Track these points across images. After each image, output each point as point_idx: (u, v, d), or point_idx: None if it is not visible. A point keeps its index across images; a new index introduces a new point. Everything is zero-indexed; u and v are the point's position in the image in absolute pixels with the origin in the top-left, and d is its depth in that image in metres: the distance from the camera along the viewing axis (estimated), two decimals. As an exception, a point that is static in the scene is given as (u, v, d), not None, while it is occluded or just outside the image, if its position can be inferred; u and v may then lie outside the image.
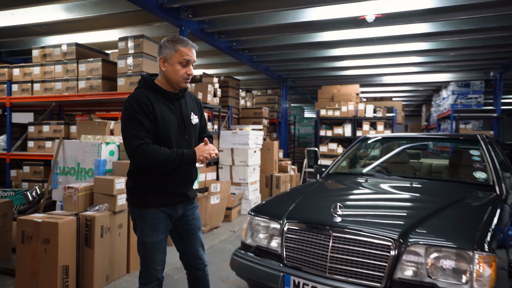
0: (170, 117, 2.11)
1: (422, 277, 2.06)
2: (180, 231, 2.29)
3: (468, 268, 1.98)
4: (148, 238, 2.12)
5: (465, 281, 1.97)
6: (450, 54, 7.85)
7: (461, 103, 9.89)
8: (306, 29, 6.42)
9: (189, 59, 2.07)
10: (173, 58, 2.06)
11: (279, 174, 7.62)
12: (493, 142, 4.29)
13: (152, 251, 2.13)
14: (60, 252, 2.97)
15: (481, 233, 2.13)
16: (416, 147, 5.53)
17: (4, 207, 3.92)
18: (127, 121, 2.03)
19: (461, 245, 2.04)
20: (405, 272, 2.10)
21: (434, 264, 2.06)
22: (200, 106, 2.39)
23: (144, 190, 2.13)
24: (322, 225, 2.39)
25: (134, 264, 3.65)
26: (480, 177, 3.37)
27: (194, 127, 2.25)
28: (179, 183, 2.18)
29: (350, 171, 4.09)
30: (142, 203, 2.13)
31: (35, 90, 5.74)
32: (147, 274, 2.15)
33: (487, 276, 1.95)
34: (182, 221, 2.26)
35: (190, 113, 2.24)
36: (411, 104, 17.74)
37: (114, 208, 3.38)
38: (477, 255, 1.98)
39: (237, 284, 3.35)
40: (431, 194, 3.00)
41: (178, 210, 2.21)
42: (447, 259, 2.05)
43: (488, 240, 2.07)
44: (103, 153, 3.73)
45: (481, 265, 1.96)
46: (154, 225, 2.12)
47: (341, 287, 2.16)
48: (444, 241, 2.10)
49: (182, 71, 2.08)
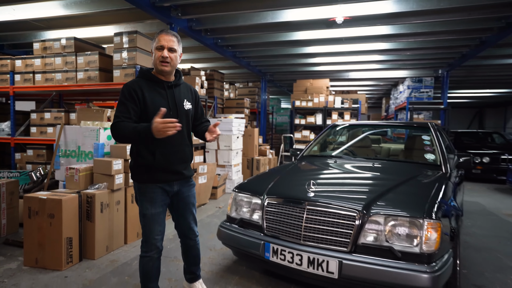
0: (160, 102, 2.11)
1: (381, 242, 2.14)
2: (176, 205, 2.30)
3: (418, 234, 2.08)
4: (147, 210, 2.13)
5: (416, 244, 2.07)
6: (406, 53, 8.01)
7: (414, 96, 10.12)
8: (284, 28, 6.39)
9: (163, 44, 2.08)
10: (154, 46, 2.12)
11: (259, 157, 7.64)
12: (440, 129, 4.43)
13: (150, 222, 2.14)
14: (64, 226, 2.93)
15: (430, 204, 2.22)
16: (377, 134, 5.65)
17: (11, 186, 3.80)
18: (118, 105, 2.10)
19: (413, 214, 2.13)
20: (367, 238, 2.18)
21: (391, 231, 2.14)
22: (195, 95, 2.37)
23: (143, 168, 2.13)
24: (297, 199, 2.43)
25: (131, 236, 3.63)
26: (429, 158, 3.48)
27: (186, 112, 2.23)
28: (174, 162, 2.17)
29: (321, 154, 4.13)
30: (141, 179, 2.15)
31: (36, 80, 5.53)
32: (147, 243, 2.17)
33: (434, 239, 2.05)
34: (178, 196, 2.27)
35: (183, 99, 2.24)
36: (373, 97, 18.01)
37: (112, 186, 3.34)
38: (426, 223, 2.07)
39: (223, 252, 3.38)
40: (390, 173, 3.07)
41: (174, 187, 2.21)
42: (402, 226, 2.13)
43: (435, 210, 2.16)
44: (101, 137, 3.65)
45: (429, 231, 2.06)
46: (152, 199, 2.13)
47: (313, 252, 2.21)
48: (400, 211, 2.18)
49: (158, 54, 2.10)
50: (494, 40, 6.31)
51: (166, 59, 2.09)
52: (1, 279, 2.76)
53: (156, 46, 2.09)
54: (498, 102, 19.53)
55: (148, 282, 2.20)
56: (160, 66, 2.11)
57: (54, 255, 2.93)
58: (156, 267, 2.22)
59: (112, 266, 3.03)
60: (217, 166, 6.46)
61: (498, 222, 4.73)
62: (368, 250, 2.15)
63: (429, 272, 1.96)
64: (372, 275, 2.05)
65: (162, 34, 2.10)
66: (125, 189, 3.55)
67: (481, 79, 11.74)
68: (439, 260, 2.07)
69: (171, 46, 2.10)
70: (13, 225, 3.86)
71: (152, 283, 2.22)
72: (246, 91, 11.12)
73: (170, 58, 2.10)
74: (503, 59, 8.46)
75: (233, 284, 2.74)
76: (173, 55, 2.12)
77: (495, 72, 10.27)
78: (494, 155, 8.19)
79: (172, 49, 2.11)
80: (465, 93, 15.71)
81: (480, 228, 4.41)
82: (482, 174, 8.20)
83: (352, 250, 2.17)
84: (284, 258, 2.30)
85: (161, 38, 2.09)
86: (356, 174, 3.14)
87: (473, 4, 4.96)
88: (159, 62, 2.10)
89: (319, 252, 2.20)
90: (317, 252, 2.20)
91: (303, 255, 2.23)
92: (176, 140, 2.14)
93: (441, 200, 2.34)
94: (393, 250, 2.09)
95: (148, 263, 2.17)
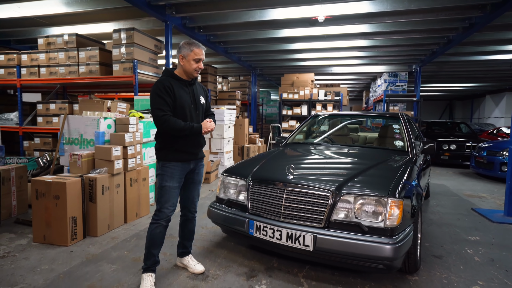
0: (186, 98, 2.32)
1: (351, 218, 2.21)
2: (186, 180, 2.44)
3: (383, 211, 2.15)
4: (166, 183, 2.29)
5: (381, 220, 2.14)
6: (382, 50, 8.03)
7: (391, 89, 10.22)
8: (270, 26, 6.36)
9: (200, 57, 2.30)
10: (189, 56, 2.28)
11: (249, 145, 7.67)
12: (411, 119, 4.50)
13: (167, 193, 2.29)
14: (69, 206, 2.94)
15: (394, 185, 2.28)
16: (355, 123, 5.71)
17: (20, 171, 3.79)
18: (154, 98, 2.23)
19: (379, 194, 2.20)
20: (339, 215, 2.24)
21: (360, 208, 2.21)
22: (205, 91, 2.57)
23: (168, 149, 2.31)
24: (278, 181, 2.48)
25: (131, 216, 3.66)
26: (398, 145, 3.55)
27: (202, 105, 2.46)
28: (193, 146, 2.37)
29: (303, 141, 4.15)
30: (166, 157, 2.31)
31: (41, 73, 5.44)
32: (160, 211, 2.30)
33: (396, 216, 2.13)
34: (192, 173, 2.45)
35: (199, 95, 2.44)
36: (355, 90, 18.06)
37: (112, 171, 3.35)
38: (389, 201, 2.14)
39: (213, 230, 3.43)
40: (362, 158, 3.11)
41: (191, 164, 2.40)
42: (369, 204, 2.20)
43: (398, 190, 2.23)
44: (102, 126, 3.64)
45: (392, 208, 2.13)
46: (172, 174, 2.30)
47: (291, 228, 2.27)
48: (368, 191, 2.24)
49: (195, 65, 2.30)
50: (459, 38, 6.38)
51: (201, 70, 2.35)
52: (13, 253, 2.79)
53: (195, 58, 2.28)
54: (466, 95, 19.80)
55: (152, 248, 2.30)
56: (195, 73, 2.33)
57: (60, 232, 2.96)
58: (162, 234, 2.33)
59: (113, 242, 3.07)
60: (210, 153, 6.49)
61: (459, 202, 4.88)
62: (340, 226, 2.22)
63: (391, 243, 2.04)
64: (342, 247, 2.12)
65: (201, 49, 2.31)
66: (124, 174, 3.56)
67: (450, 74, 11.88)
68: (401, 233, 2.15)
69: (204, 59, 2.36)
70: (22, 206, 3.86)
71: (156, 249, 2.31)
72: (238, 84, 11.07)
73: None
74: (468, 56, 8.56)
75: (221, 257, 2.80)
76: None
77: (462, 68, 10.40)
78: (460, 143, 8.36)
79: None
80: (436, 87, 15.88)
81: (443, 207, 4.55)
82: (449, 160, 8.38)
83: (326, 226, 2.24)
84: (266, 233, 2.37)
85: (200, 52, 2.30)
86: (332, 159, 3.18)
87: (440, 6, 5.01)
88: (195, 71, 2.32)
89: (297, 228, 2.26)
90: (295, 228, 2.26)
91: (282, 230, 2.29)
92: None
93: (404, 181, 2.41)
94: (361, 225, 2.16)
95: (156, 229, 2.29)
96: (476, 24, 5.54)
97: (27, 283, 2.32)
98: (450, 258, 2.83)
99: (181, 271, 2.53)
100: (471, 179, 6.86)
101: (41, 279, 2.36)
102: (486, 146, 6.91)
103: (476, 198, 5.17)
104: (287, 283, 2.37)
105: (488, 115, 17.71)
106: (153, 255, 2.31)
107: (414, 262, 2.44)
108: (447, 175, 7.30)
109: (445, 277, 2.49)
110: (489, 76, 12.14)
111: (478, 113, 19.06)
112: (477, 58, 8.67)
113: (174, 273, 2.50)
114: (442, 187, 5.97)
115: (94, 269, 2.54)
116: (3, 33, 7.25)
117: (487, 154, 6.71)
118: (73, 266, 2.57)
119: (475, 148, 7.46)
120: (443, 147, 8.40)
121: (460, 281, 2.43)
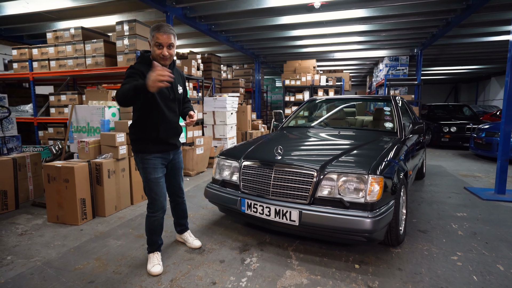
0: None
1: (334, 195, 2.28)
2: (169, 170, 2.40)
3: (364, 187, 2.21)
4: (150, 175, 2.19)
5: (361, 196, 2.21)
6: (382, 34, 7.90)
7: (392, 74, 10.06)
8: (269, 14, 6.32)
9: (161, 42, 2.02)
10: (152, 42, 2.06)
11: (252, 131, 7.74)
12: (405, 102, 4.47)
13: (154, 186, 2.21)
14: (77, 188, 3.10)
15: (376, 163, 2.33)
16: (351, 107, 5.69)
17: (34, 158, 3.97)
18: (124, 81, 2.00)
19: (360, 171, 2.25)
20: (323, 192, 2.31)
21: (342, 185, 2.28)
22: (183, 79, 2.41)
23: (148, 141, 2.18)
24: (267, 162, 2.56)
25: (137, 197, 3.81)
26: (388, 126, 3.58)
27: (179, 95, 2.30)
28: (172, 136, 2.27)
29: (299, 125, 4.20)
30: (145, 150, 2.19)
31: (51, 66, 5.58)
32: (153, 204, 2.25)
33: (376, 191, 2.19)
34: (172, 162, 2.38)
35: (177, 84, 2.27)
36: (359, 75, 17.80)
37: (117, 156, 3.48)
38: (370, 178, 2.20)
39: (213, 210, 3.55)
40: (352, 139, 3.13)
41: (170, 155, 2.32)
42: (351, 181, 2.26)
43: (380, 168, 2.28)
44: (106, 115, 3.76)
45: (372, 184, 2.19)
46: (154, 165, 2.21)
47: (279, 205, 2.36)
48: (350, 169, 2.30)
49: (158, 51, 2.06)
50: (458, 20, 6.22)
51: (166, 56, 2.07)
52: (30, 231, 2.98)
53: (155, 43, 2.03)
54: (471, 78, 19.29)
55: (153, 236, 2.33)
56: (161, 61, 2.08)
57: (71, 212, 3.13)
58: (161, 224, 2.32)
59: (119, 221, 3.23)
60: (214, 139, 6.59)
61: (453, 181, 4.89)
62: (323, 202, 2.29)
63: (371, 217, 2.11)
64: (325, 221, 2.20)
65: (160, 33, 2.01)
66: (129, 159, 3.69)
67: (453, 56, 11.58)
68: (382, 208, 2.22)
69: (169, 43, 2.06)
70: (38, 190, 4.06)
71: (157, 237, 2.35)
72: (242, 72, 11.06)
73: (169, 54, 2.08)
74: (469, 38, 8.34)
75: (218, 234, 2.93)
76: (171, 51, 2.09)
77: (464, 50, 10.13)
78: (460, 125, 8.25)
79: (170, 45, 2.07)
80: (440, 70, 15.51)
81: (437, 186, 4.57)
82: (450, 142, 8.31)
83: (310, 202, 2.32)
84: (256, 210, 2.46)
85: (159, 36, 2.01)
86: (322, 141, 3.22)
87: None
88: (160, 58, 2.07)
89: (284, 205, 2.34)
90: (282, 205, 2.35)
91: (271, 207, 2.38)
92: (173, 118, 2.25)
93: (389, 159, 2.45)
94: (343, 201, 2.23)
95: (155, 222, 2.27)
96: (473, 5, 5.40)
97: (42, 256, 2.49)
98: (435, 233, 2.89)
99: (180, 246, 2.67)
100: (469, 160, 6.81)
101: (54, 253, 2.54)
102: (485, 127, 6.83)
103: (470, 177, 5.16)
104: (277, 256, 2.48)
105: (493, 97, 17.27)
106: (155, 241, 2.34)
107: (396, 235, 2.51)
108: (446, 157, 7.26)
109: (426, 249, 2.56)
110: (493, 58, 11.79)
111: (483, 96, 18.59)
112: (479, 40, 8.44)
113: (174, 248, 2.64)
114: (439, 167, 5.96)
115: (101, 244, 2.70)
116: (15, 28, 7.41)
117: (485, 135, 6.64)
118: (82, 242, 2.74)
119: (475, 129, 7.37)
120: (444, 130, 8.31)
121: (440, 252, 2.50)
